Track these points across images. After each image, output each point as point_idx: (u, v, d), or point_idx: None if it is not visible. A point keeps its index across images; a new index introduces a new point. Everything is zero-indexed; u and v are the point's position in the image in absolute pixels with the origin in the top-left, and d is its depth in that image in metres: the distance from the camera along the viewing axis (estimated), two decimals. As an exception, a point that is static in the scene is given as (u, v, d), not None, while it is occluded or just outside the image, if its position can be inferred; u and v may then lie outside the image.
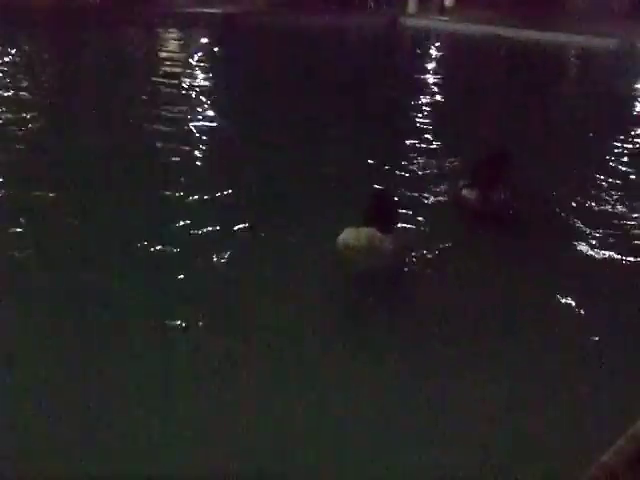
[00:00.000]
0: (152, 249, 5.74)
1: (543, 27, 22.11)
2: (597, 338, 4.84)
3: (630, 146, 10.02)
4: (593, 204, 7.43)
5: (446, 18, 25.42)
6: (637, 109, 12.87)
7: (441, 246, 6.03)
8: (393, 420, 3.96)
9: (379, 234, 5.33)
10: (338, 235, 5.39)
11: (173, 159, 8.21)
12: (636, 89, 15.27)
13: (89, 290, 5.08)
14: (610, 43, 20.57)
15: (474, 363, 4.48)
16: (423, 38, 22.83)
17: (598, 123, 11.43)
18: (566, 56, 20.72)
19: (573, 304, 5.29)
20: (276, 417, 3.95)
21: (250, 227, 6.23)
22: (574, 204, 7.36)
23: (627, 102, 13.43)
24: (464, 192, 6.77)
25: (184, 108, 10.76)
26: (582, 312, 5.20)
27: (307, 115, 10.47)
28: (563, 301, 5.32)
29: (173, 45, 18.70)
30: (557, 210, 7.16)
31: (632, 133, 10.85)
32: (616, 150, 9.74)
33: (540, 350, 4.68)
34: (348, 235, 5.35)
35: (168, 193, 7.00)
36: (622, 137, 10.43)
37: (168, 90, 12.16)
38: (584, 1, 28.78)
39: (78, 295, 5.01)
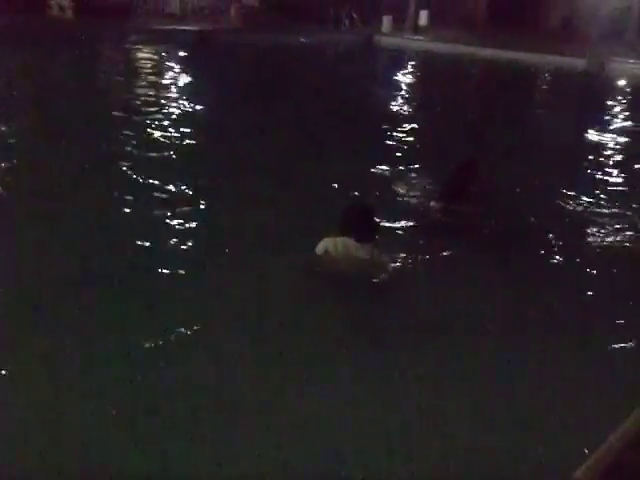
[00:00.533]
0: (128, 263, 5.88)
1: (515, 47, 22.60)
2: (566, 338, 5.06)
3: (596, 159, 10.44)
4: (560, 213, 7.76)
5: (420, 37, 25.88)
6: (602, 125, 13.30)
7: (412, 255, 6.24)
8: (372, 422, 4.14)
9: (354, 243, 5.54)
10: (317, 244, 5.59)
11: (146, 171, 8.31)
12: (602, 107, 15.76)
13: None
14: (579, 63, 21.18)
15: (446, 365, 4.69)
16: (397, 56, 23.18)
17: (566, 137, 11.84)
18: (537, 75, 21.24)
19: (536, 307, 5.55)
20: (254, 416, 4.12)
21: (229, 235, 6.42)
22: (542, 214, 7.67)
23: (593, 118, 13.87)
24: (431, 204, 7.05)
25: (158, 123, 10.91)
26: (547, 315, 5.46)
27: (282, 130, 10.61)
28: (525, 304, 5.60)
29: (147, 62, 18.75)
30: (525, 219, 7.47)
31: (597, 147, 11.35)
32: (583, 163, 10.17)
33: (508, 350, 4.90)
34: (326, 244, 5.54)
35: (139, 206, 7.17)
36: (588, 151, 10.95)
37: (142, 106, 12.28)
38: (555, 22, 29.54)
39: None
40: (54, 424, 3.97)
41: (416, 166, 9.17)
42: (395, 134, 11.28)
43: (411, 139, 11.16)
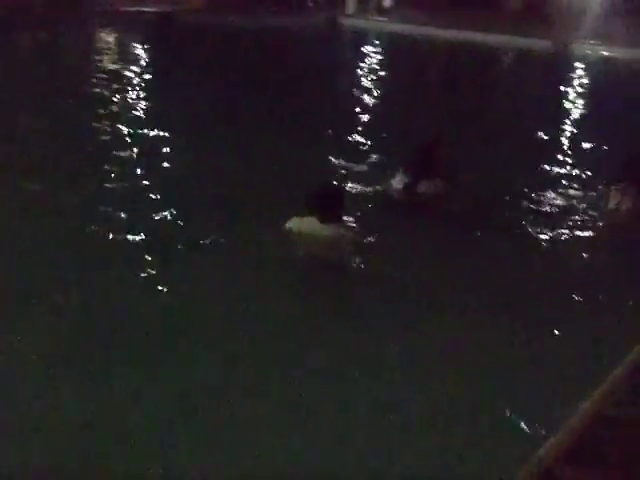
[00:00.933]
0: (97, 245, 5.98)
1: (479, 29, 22.83)
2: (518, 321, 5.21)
3: (559, 140, 10.68)
4: (524, 193, 7.97)
5: (385, 19, 26.01)
6: (565, 106, 13.60)
7: (375, 233, 6.44)
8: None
9: (319, 223, 5.72)
10: (286, 223, 5.80)
11: (113, 154, 8.40)
12: (567, 87, 16.09)
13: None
14: (543, 44, 21.47)
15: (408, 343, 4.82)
16: (361, 38, 23.30)
17: (530, 119, 12.07)
18: (501, 56, 21.54)
19: (493, 284, 5.77)
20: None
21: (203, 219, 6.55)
22: (505, 192, 7.92)
23: (557, 99, 14.15)
24: (393, 183, 7.20)
25: (121, 106, 10.95)
26: (502, 292, 5.66)
27: (246, 114, 10.68)
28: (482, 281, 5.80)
29: (109, 43, 18.72)
30: (488, 196, 7.70)
31: (562, 128, 11.63)
32: (546, 144, 10.45)
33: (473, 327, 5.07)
34: (293, 224, 5.76)
35: (108, 188, 7.22)
36: (552, 132, 11.20)
37: (104, 88, 12.28)
38: (518, 4, 29.83)
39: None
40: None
41: (381, 146, 9.33)
42: (360, 116, 11.43)
43: (376, 120, 11.34)
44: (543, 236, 6.89)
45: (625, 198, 6.94)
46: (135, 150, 8.71)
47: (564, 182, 8.52)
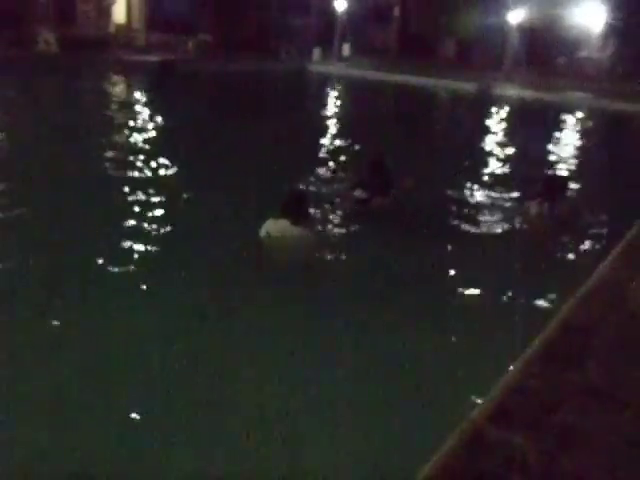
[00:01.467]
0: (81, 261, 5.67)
1: (420, 73, 23.33)
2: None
3: (483, 160, 11.06)
4: (456, 201, 8.19)
5: (344, 65, 26.37)
6: (486, 134, 14.09)
7: (339, 234, 6.64)
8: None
9: (290, 225, 5.68)
10: (262, 226, 5.75)
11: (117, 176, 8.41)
12: (487, 119, 16.61)
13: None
14: (471, 86, 22.02)
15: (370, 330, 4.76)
16: (325, 80, 23.67)
17: (459, 143, 12.49)
18: (436, 96, 22.05)
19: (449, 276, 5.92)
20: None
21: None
22: (441, 203, 8.07)
23: (479, 130, 14.63)
24: (355, 193, 7.42)
25: (129, 141, 10.94)
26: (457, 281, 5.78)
27: (234, 140, 10.75)
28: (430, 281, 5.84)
29: (121, 87, 18.86)
30: (428, 206, 7.84)
31: (483, 151, 12.02)
32: (473, 163, 10.68)
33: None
34: (267, 226, 5.74)
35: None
36: (476, 154, 11.55)
37: (117, 123, 12.43)
38: (452, 52, 30.46)
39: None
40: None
41: (340, 163, 9.67)
42: (323, 141, 11.76)
43: (335, 145, 11.67)
44: (472, 238, 7.07)
45: (542, 208, 7.19)
46: (136, 176, 8.61)
47: (488, 192, 8.74)
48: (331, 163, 9.93)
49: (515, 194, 8.56)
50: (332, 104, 18.50)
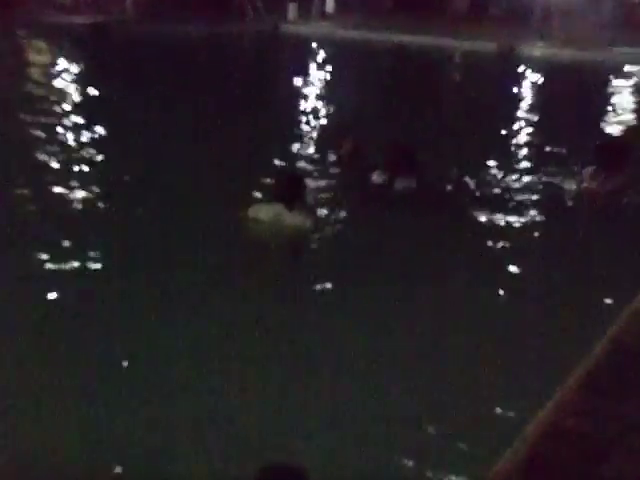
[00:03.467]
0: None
1: (423, 32, 23.64)
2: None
3: (509, 137, 11.43)
4: (483, 184, 8.54)
5: (327, 24, 26.70)
6: (511, 106, 14.46)
7: (336, 219, 6.92)
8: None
9: (284, 209, 6.17)
10: (249, 210, 6.17)
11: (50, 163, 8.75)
12: (512, 88, 17.02)
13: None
14: (489, 46, 22.42)
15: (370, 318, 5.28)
16: (304, 44, 23.76)
17: (480, 115, 12.85)
18: (447, 59, 22.35)
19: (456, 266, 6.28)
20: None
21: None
22: (463, 188, 8.41)
23: (504, 100, 15.00)
24: (374, 177, 7.76)
25: (55, 120, 11.09)
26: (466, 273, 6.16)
27: (198, 118, 11.04)
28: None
29: (40, 57, 18.77)
30: (453, 192, 8.26)
31: (510, 126, 12.38)
32: (497, 137, 11.19)
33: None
34: (257, 210, 6.17)
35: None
36: (501, 126, 12.07)
37: (38, 101, 12.55)
38: (462, 6, 30.85)
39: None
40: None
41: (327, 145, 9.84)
42: (302, 119, 12.15)
43: (326, 122, 11.98)
44: (498, 222, 7.47)
45: (596, 180, 7.64)
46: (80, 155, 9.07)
47: (516, 173, 9.11)
48: (320, 144, 10.21)
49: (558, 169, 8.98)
50: (314, 75, 18.62)
